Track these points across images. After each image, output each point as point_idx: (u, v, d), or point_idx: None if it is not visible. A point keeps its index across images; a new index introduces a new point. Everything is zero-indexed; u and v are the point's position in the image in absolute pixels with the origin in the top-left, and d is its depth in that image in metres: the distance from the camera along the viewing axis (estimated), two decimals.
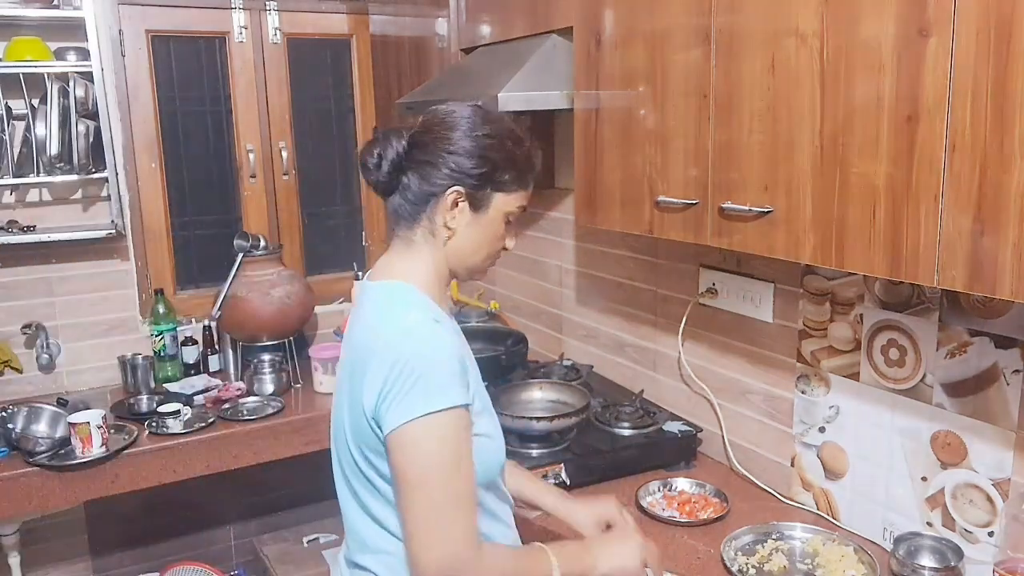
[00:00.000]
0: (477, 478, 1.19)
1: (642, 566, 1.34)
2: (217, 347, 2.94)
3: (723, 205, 1.51)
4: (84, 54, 2.60)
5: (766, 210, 1.43)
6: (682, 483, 1.93)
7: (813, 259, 1.36)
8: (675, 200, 1.64)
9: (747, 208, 1.46)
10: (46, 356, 2.75)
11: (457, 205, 1.23)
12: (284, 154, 3.09)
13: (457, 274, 1.32)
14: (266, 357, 2.75)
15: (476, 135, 1.22)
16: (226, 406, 2.60)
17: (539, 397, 2.21)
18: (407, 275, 1.26)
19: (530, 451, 1.97)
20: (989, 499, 1.46)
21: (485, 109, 1.28)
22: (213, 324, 2.89)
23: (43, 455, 2.25)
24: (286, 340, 2.82)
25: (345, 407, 1.24)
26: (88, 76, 2.60)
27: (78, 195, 2.80)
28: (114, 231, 2.72)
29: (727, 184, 1.51)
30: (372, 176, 1.24)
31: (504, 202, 1.26)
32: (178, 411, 2.50)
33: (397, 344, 1.14)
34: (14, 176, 2.59)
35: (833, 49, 1.27)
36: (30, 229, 2.66)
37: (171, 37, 2.89)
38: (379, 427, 1.15)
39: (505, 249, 1.33)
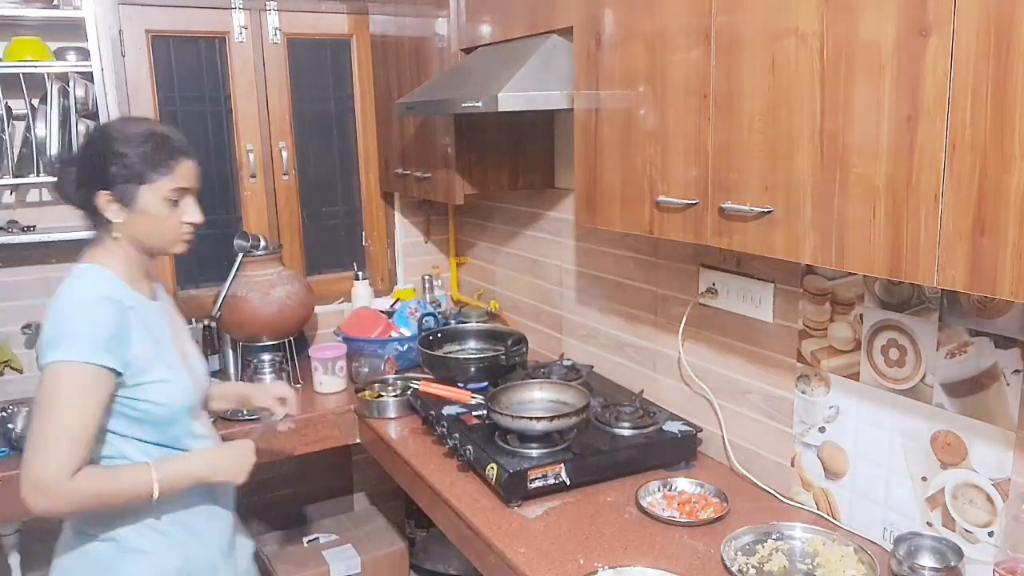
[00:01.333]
0: (161, 414, 1.55)
1: (250, 466, 1.65)
2: (217, 347, 2.94)
3: (723, 205, 1.51)
4: (84, 54, 2.60)
5: (766, 210, 1.43)
6: (682, 483, 1.93)
7: (813, 259, 1.36)
8: (675, 200, 1.63)
9: (747, 208, 1.46)
10: None
11: (109, 205, 1.52)
12: (284, 154, 3.09)
13: (152, 253, 1.63)
14: (266, 357, 2.75)
15: (84, 152, 1.58)
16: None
17: (539, 397, 2.21)
18: (96, 260, 1.56)
19: (530, 451, 1.97)
20: (989, 499, 1.46)
21: (113, 120, 1.67)
22: (213, 324, 2.89)
23: None
24: (286, 340, 2.82)
25: None
26: (88, 76, 2.60)
27: None
28: None
29: (727, 184, 1.51)
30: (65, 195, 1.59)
31: (153, 191, 1.54)
32: None
33: (59, 306, 1.47)
34: (14, 176, 2.58)
35: (833, 49, 1.27)
36: (30, 229, 2.66)
37: (171, 37, 2.89)
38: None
39: (191, 224, 1.61)
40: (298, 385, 2.80)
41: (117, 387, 1.49)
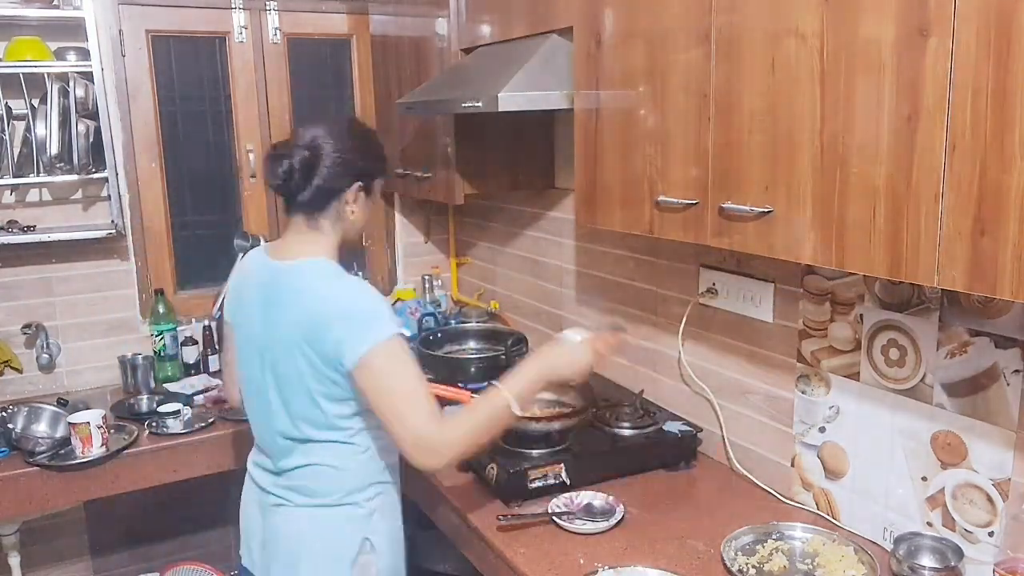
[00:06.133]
0: None
1: (588, 364, 1.66)
2: (217, 347, 2.94)
3: (723, 205, 1.51)
4: (84, 54, 2.60)
5: (766, 210, 1.43)
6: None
7: (813, 259, 1.36)
8: (675, 200, 1.63)
9: (747, 208, 1.46)
10: (46, 356, 2.75)
11: (357, 196, 1.62)
12: None
13: (349, 242, 1.69)
14: None
15: (349, 144, 1.60)
16: (226, 406, 2.59)
17: (539, 397, 2.21)
18: (319, 254, 1.61)
19: (530, 451, 1.97)
20: (989, 499, 1.46)
21: (352, 117, 1.75)
22: (213, 324, 2.89)
23: (43, 455, 2.25)
24: None
25: (303, 357, 1.53)
26: (88, 76, 2.60)
27: (78, 195, 2.80)
28: (114, 231, 2.72)
29: (727, 184, 1.51)
30: (284, 185, 1.57)
31: (379, 185, 1.69)
32: (178, 411, 2.50)
33: (349, 300, 1.53)
34: (14, 176, 2.58)
35: (833, 49, 1.27)
36: (30, 229, 2.66)
37: (171, 37, 2.89)
38: (341, 362, 1.49)
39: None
40: None
41: None
